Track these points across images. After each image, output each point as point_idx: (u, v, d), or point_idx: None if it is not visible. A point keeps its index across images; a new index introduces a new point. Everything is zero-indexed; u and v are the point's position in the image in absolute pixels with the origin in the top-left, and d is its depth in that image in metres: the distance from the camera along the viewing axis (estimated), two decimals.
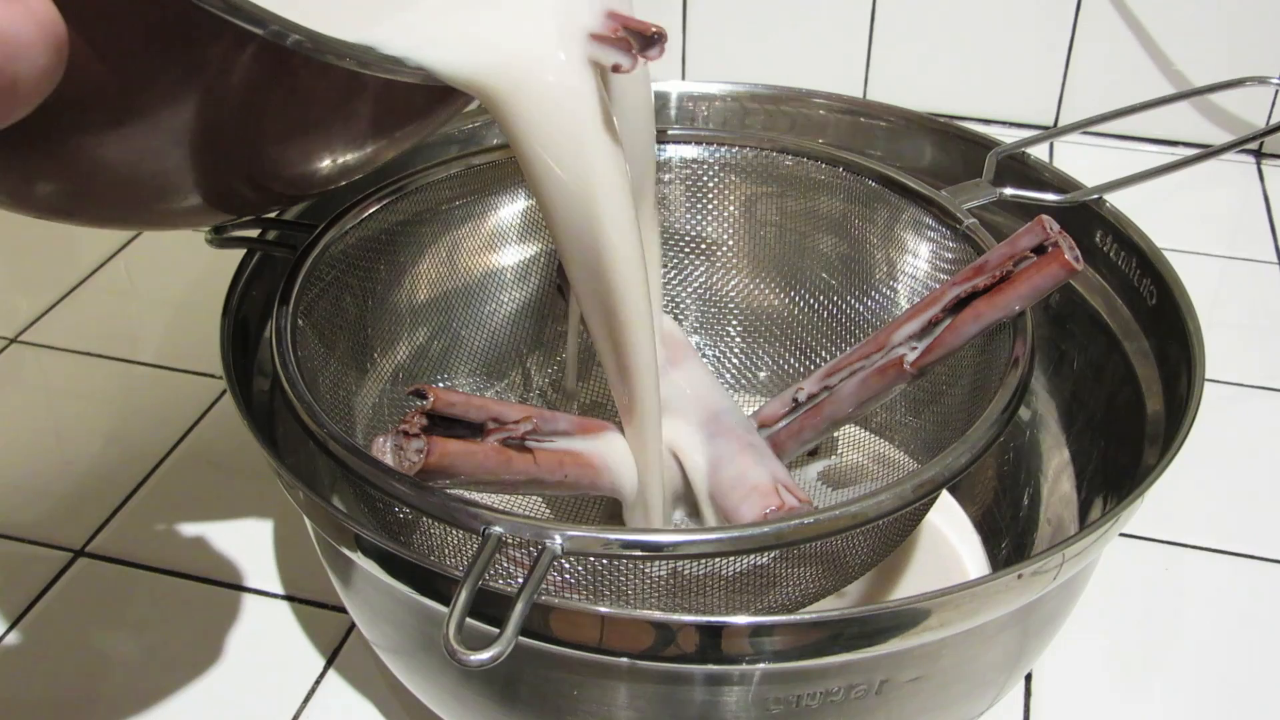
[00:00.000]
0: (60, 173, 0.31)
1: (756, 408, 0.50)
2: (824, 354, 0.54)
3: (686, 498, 0.46)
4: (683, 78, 0.91)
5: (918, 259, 0.50)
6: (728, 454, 0.44)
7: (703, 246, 0.55)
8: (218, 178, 0.34)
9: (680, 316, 0.56)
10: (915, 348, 0.42)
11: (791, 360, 0.55)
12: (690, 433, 0.45)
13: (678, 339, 0.49)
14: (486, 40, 0.34)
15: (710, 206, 0.54)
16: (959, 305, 0.41)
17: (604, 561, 0.37)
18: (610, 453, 0.42)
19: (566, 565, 0.38)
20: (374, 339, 0.50)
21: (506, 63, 0.34)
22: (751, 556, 0.38)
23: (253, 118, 0.32)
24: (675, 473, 0.45)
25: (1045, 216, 0.40)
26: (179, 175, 0.33)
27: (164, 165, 0.32)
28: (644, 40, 0.34)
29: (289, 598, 0.51)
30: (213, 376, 0.63)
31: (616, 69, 0.35)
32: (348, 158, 0.38)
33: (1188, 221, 0.75)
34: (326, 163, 0.37)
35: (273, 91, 0.31)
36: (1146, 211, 0.52)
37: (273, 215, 0.49)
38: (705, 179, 0.53)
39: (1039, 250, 0.39)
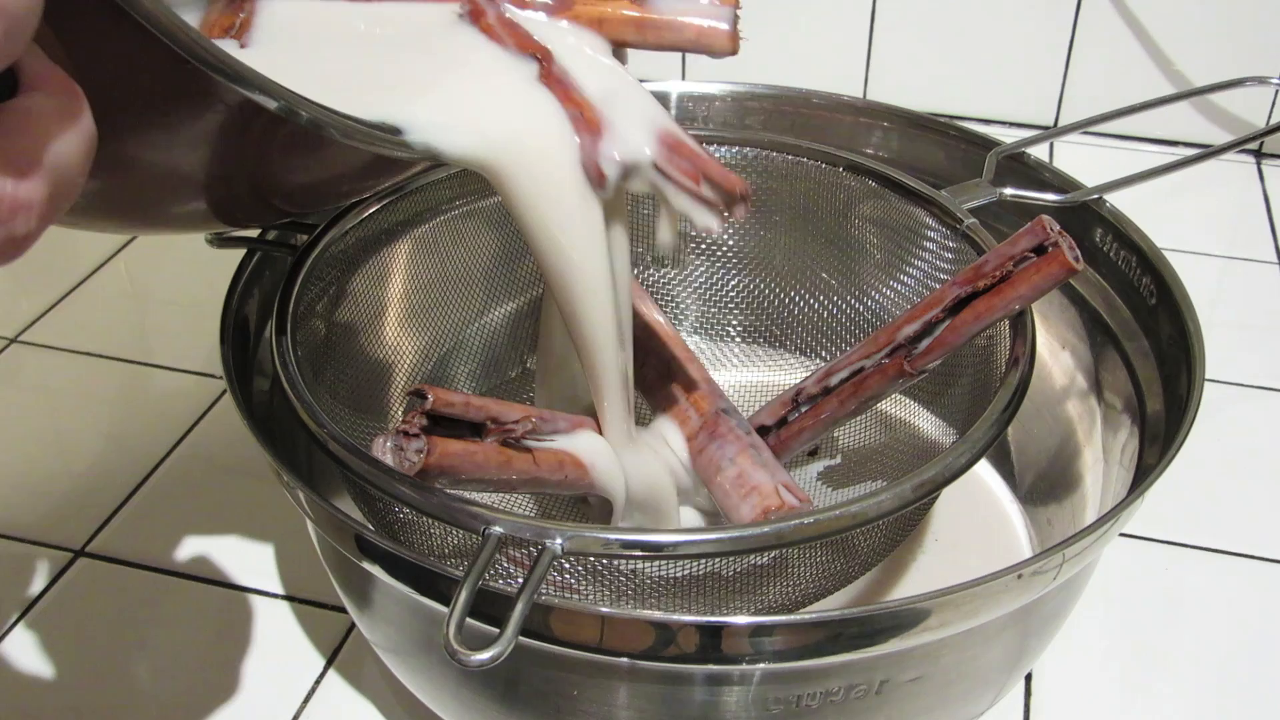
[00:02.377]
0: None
1: (756, 408, 0.50)
2: (824, 354, 0.54)
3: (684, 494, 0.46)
4: (683, 78, 0.90)
5: (918, 259, 0.50)
6: (728, 455, 0.44)
7: (703, 246, 0.55)
8: (224, 198, 0.35)
9: (680, 316, 0.56)
10: (916, 347, 0.42)
11: (791, 360, 0.55)
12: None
13: (672, 338, 0.49)
14: (496, 131, 0.35)
15: None
16: (959, 305, 0.41)
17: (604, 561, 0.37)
18: (609, 453, 0.42)
19: (566, 565, 0.38)
20: (374, 339, 0.50)
21: (520, 160, 0.36)
22: (753, 556, 0.38)
23: (263, 155, 0.32)
24: (665, 468, 0.45)
25: (1045, 217, 0.40)
26: (188, 196, 0.33)
27: (174, 188, 0.32)
28: (729, 199, 0.36)
29: (289, 598, 0.51)
30: (213, 376, 0.63)
31: (706, 231, 0.37)
32: (353, 186, 0.39)
33: (1188, 221, 0.75)
34: (331, 190, 0.38)
35: (282, 139, 0.31)
36: (1146, 211, 0.52)
37: None
38: None
39: (1039, 250, 0.39)
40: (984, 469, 0.55)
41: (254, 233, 0.48)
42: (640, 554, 0.35)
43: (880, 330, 0.44)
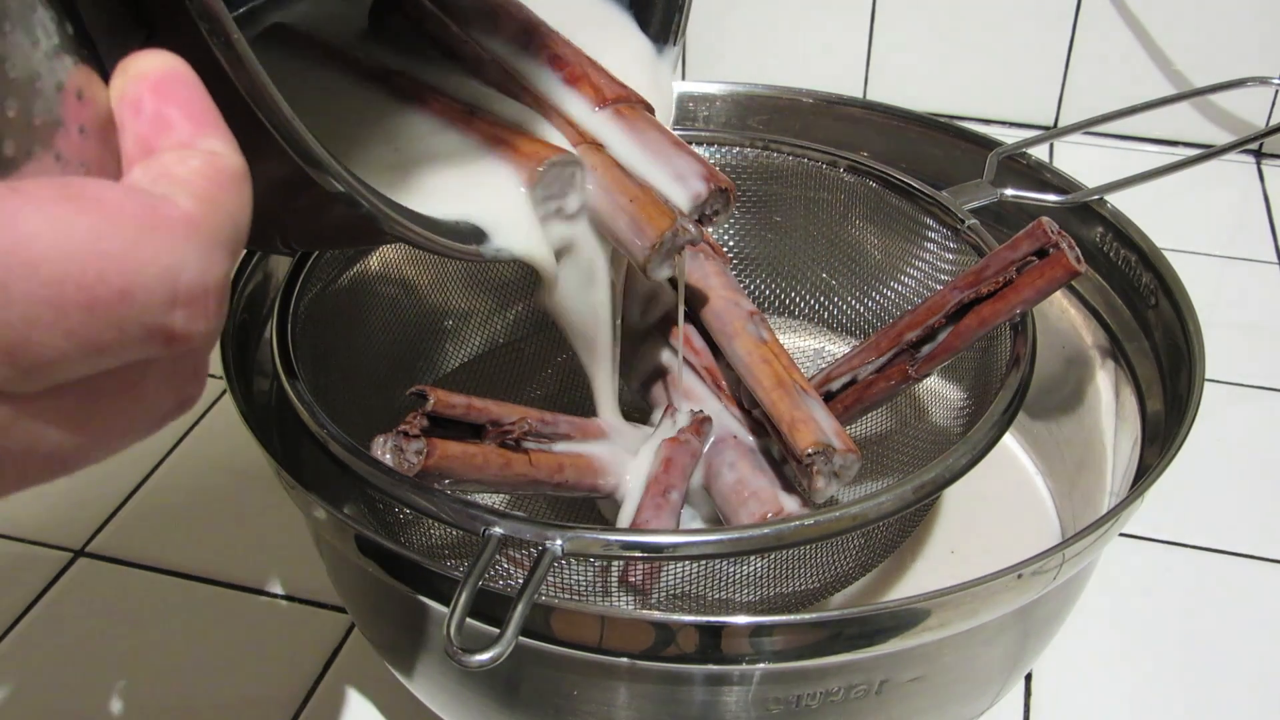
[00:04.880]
0: None
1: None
2: (824, 355, 0.54)
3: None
4: (683, 78, 0.91)
5: (918, 259, 0.50)
6: (728, 460, 0.44)
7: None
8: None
9: None
10: (919, 352, 0.42)
11: None
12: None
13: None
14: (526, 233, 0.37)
15: None
16: (961, 310, 0.41)
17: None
18: (610, 456, 0.42)
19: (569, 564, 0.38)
20: (375, 339, 0.50)
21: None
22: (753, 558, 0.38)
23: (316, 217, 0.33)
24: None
25: (1046, 219, 0.40)
26: None
27: None
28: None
29: (289, 598, 0.51)
30: (213, 376, 0.63)
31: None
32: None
33: (1188, 221, 0.75)
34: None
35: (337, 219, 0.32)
36: (1146, 211, 0.52)
37: None
38: None
39: (1040, 254, 0.39)
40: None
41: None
42: (640, 555, 0.35)
43: (881, 334, 0.44)
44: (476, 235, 0.35)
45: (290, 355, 0.41)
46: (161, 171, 0.19)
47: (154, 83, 0.20)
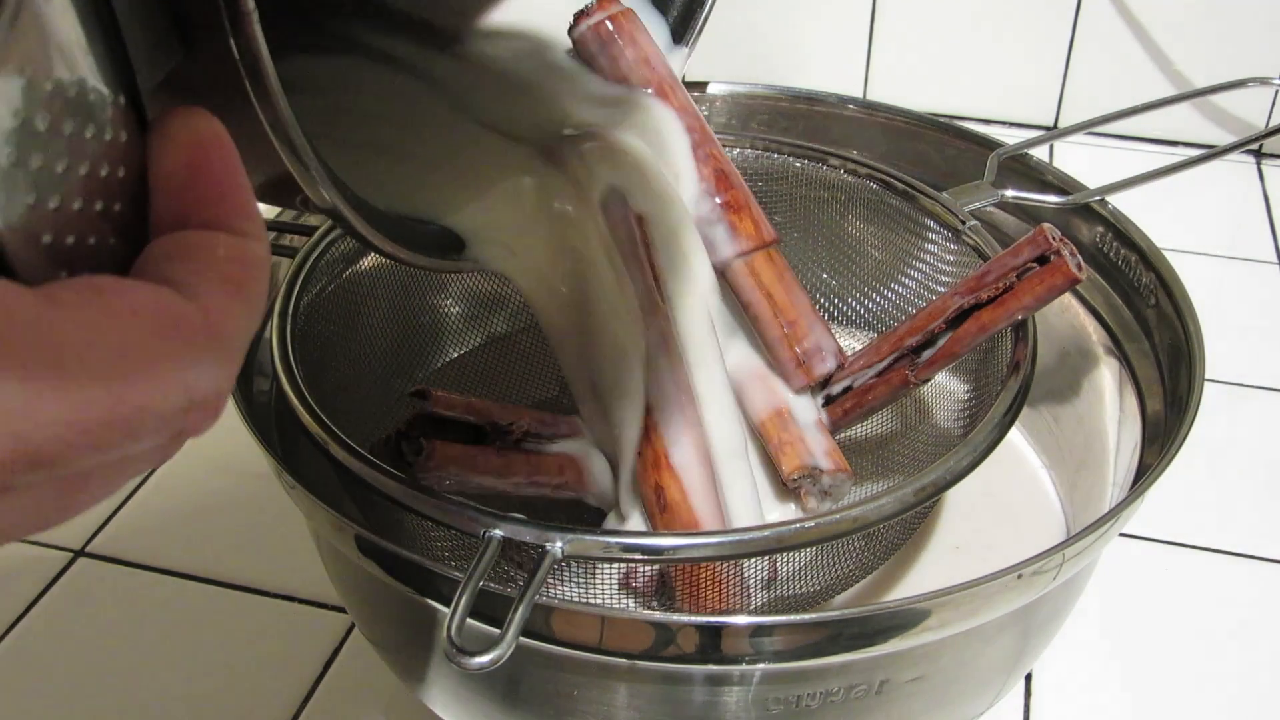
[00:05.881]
0: None
1: None
2: None
3: None
4: (683, 78, 0.90)
5: (919, 260, 0.50)
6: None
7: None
8: None
9: None
10: (919, 357, 0.42)
11: None
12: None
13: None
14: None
15: None
16: (962, 315, 0.41)
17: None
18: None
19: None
20: (375, 340, 0.50)
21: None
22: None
23: None
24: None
25: (1047, 225, 0.40)
26: None
27: None
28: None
29: (289, 598, 0.51)
30: None
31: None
32: None
33: (1188, 221, 0.75)
34: None
35: None
36: (1146, 211, 0.52)
37: (273, 216, 0.49)
38: None
39: (1041, 260, 0.39)
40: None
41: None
42: (640, 557, 0.35)
43: (881, 339, 0.44)
44: (455, 245, 0.35)
45: (290, 355, 0.41)
46: (186, 253, 0.19)
47: (190, 150, 0.20)
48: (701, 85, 0.58)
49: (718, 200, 0.41)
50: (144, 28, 0.20)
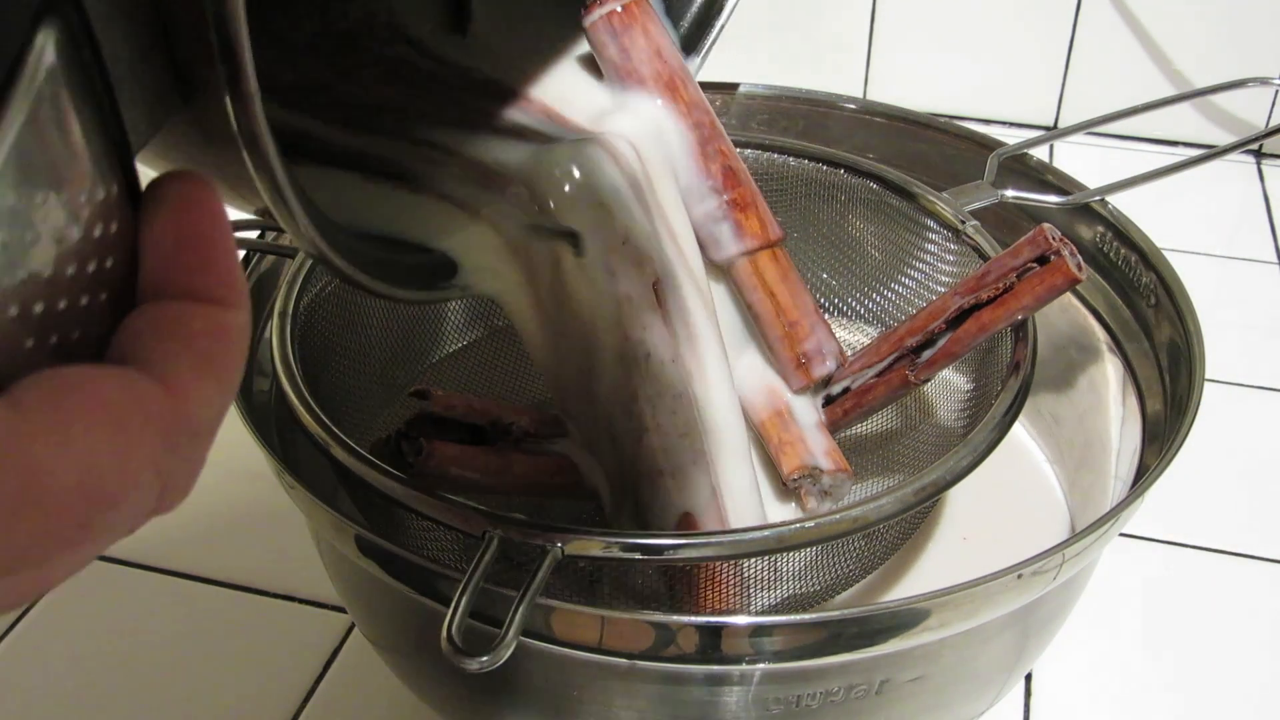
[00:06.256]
0: None
1: None
2: None
3: None
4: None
5: (919, 261, 0.50)
6: None
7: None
8: None
9: None
10: (919, 357, 0.42)
11: None
12: None
13: None
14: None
15: None
16: (962, 315, 0.41)
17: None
18: None
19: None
20: (375, 340, 0.50)
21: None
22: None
23: None
24: None
25: (1047, 225, 0.40)
26: None
27: None
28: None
29: (289, 598, 0.51)
30: None
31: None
32: None
33: (1188, 221, 0.75)
34: None
35: None
36: (1146, 211, 0.52)
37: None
38: None
39: (1041, 260, 0.39)
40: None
41: (254, 234, 0.48)
42: (640, 557, 0.35)
43: (881, 339, 0.44)
44: (444, 273, 0.35)
45: (290, 355, 0.41)
46: (162, 329, 0.19)
47: (180, 215, 0.20)
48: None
49: (725, 197, 0.41)
50: (142, 87, 0.20)
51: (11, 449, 0.16)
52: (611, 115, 0.40)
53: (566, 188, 0.37)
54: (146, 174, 0.21)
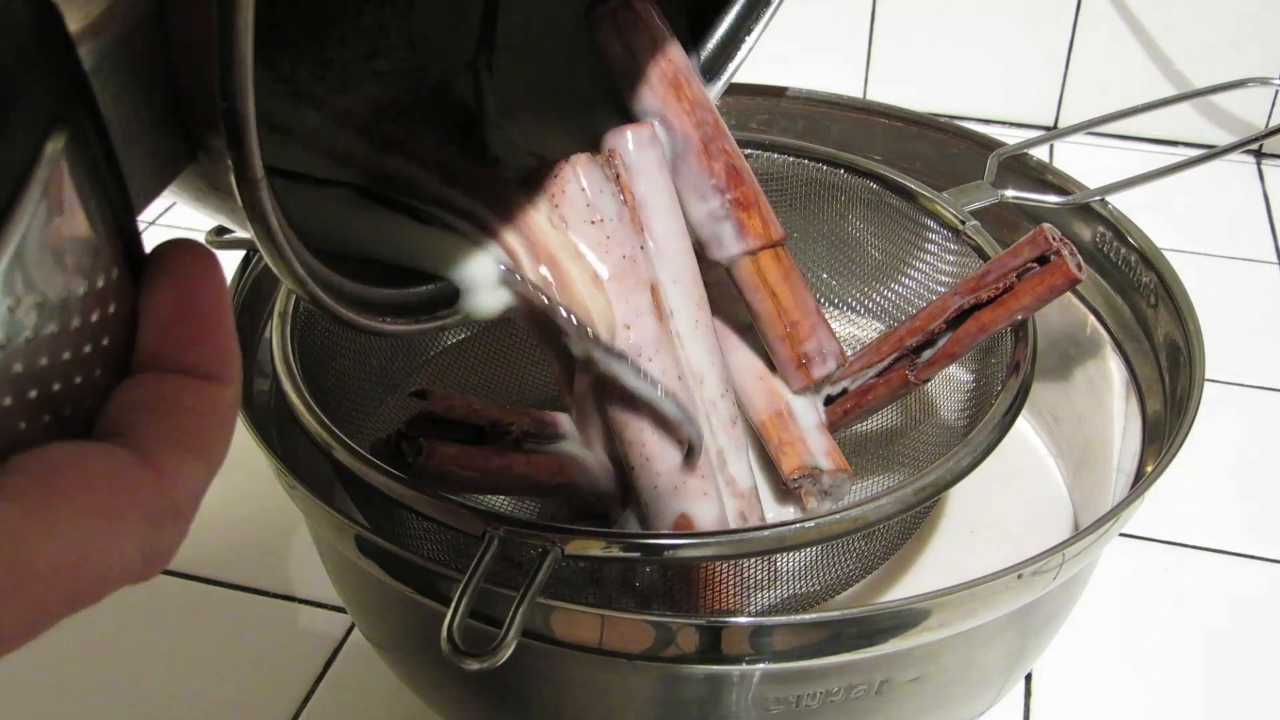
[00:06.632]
0: None
1: None
2: None
3: None
4: None
5: (919, 261, 0.50)
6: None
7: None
8: None
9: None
10: (919, 357, 0.42)
11: None
12: None
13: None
14: None
15: None
16: (962, 315, 0.41)
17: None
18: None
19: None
20: (374, 340, 0.50)
21: None
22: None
23: None
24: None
25: (1047, 225, 0.40)
26: None
27: None
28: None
29: (289, 598, 0.51)
30: None
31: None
32: None
33: (1188, 221, 0.75)
34: None
35: None
36: (1146, 211, 0.52)
37: None
38: None
39: (1041, 260, 0.39)
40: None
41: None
42: (640, 556, 0.35)
43: (882, 339, 0.44)
44: (446, 300, 0.35)
45: (290, 355, 0.41)
46: (151, 405, 0.19)
47: (181, 288, 0.20)
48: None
49: (727, 196, 0.41)
50: (153, 151, 0.20)
51: (1, 533, 0.16)
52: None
53: None
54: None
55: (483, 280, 0.35)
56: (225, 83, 0.20)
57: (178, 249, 0.20)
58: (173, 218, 0.73)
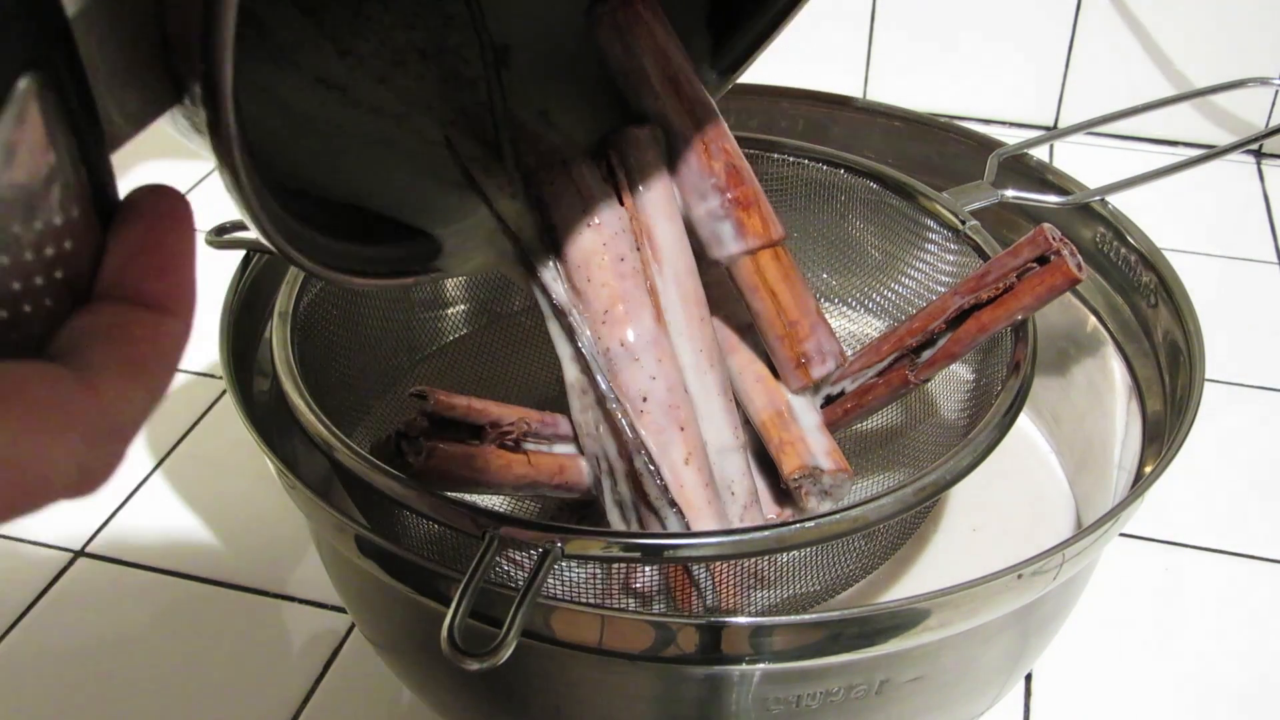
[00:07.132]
0: None
1: None
2: None
3: None
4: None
5: (919, 261, 0.50)
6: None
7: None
8: None
9: None
10: (919, 357, 0.42)
11: None
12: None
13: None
14: None
15: None
16: (962, 315, 0.41)
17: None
18: None
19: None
20: (374, 340, 0.50)
21: None
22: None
23: None
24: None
25: (1047, 225, 0.40)
26: None
27: None
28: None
29: (289, 598, 0.51)
30: (213, 376, 0.63)
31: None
32: None
33: (1188, 221, 0.75)
34: None
35: None
36: (1146, 211, 0.52)
37: None
38: None
39: (1041, 260, 0.39)
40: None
41: (254, 234, 0.48)
42: (641, 556, 0.35)
43: (882, 339, 0.44)
44: (427, 255, 0.35)
45: (290, 355, 0.41)
46: (101, 332, 0.20)
47: (151, 222, 0.21)
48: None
49: (727, 195, 0.41)
50: (133, 90, 0.21)
51: None
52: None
53: None
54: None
55: (474, 236, 0.36)
56: (206, 49, 0.20)
57: (152, 191, 0.21)
58: None
